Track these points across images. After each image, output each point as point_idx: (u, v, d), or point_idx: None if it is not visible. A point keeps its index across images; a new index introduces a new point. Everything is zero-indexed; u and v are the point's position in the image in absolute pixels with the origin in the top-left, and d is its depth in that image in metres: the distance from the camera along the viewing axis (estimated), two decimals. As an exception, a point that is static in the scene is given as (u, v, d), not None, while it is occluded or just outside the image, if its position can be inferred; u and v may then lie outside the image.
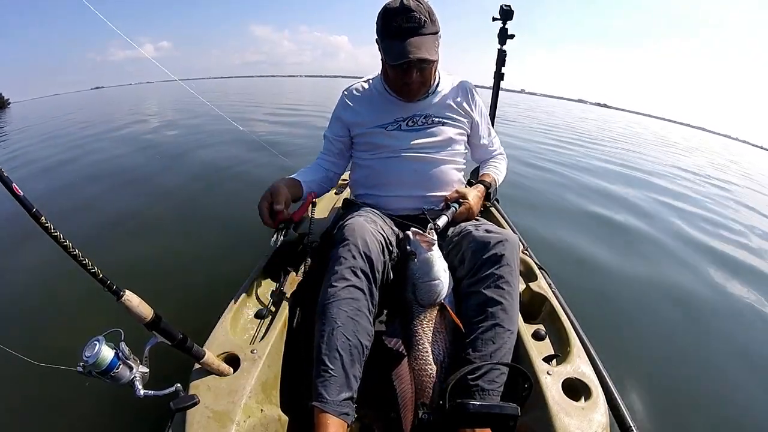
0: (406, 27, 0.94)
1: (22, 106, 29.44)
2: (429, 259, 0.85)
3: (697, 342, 1.81)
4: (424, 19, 0.94)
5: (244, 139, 4.96)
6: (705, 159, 10.68)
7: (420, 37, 0.94)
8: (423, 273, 0.85)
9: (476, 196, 1.10)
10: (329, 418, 0.70)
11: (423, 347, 0.82)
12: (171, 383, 0.67)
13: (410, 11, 0.93)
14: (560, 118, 17.47)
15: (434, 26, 0.97)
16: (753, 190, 6.48)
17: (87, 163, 4.62)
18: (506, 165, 1.32)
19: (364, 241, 0.86)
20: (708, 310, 2.10)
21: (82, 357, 0.57)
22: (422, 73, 1.02)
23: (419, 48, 0.94)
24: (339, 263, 0.84)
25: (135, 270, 2.00)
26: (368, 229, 0.90)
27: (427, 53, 0.95)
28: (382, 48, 1.00)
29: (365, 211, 1.03)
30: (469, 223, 1.04)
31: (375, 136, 1.12)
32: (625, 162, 6.61)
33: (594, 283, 2.17)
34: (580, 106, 65.11)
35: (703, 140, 24.19)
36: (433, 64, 1.01)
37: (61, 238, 0.52)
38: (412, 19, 0.93)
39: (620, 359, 1.44)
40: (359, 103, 1.15)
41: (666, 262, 2.62)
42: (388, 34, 0.96)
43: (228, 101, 14.59)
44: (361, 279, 0.83)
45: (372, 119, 1.12)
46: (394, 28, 0.95)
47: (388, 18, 0.96)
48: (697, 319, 2.01)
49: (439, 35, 1.00)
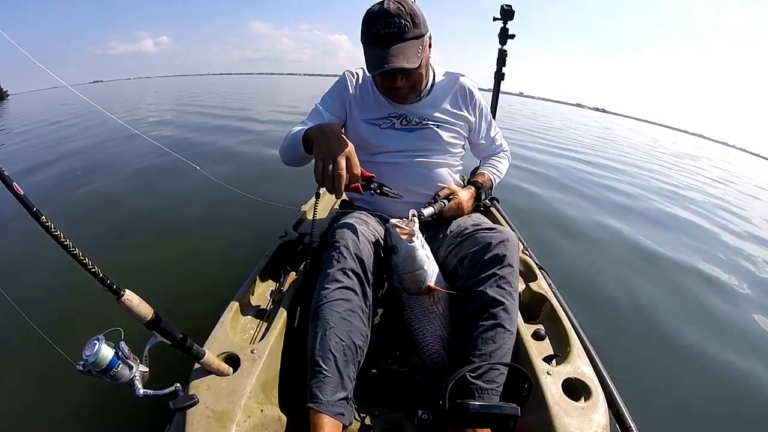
0: (385, 33, 0.88)
1: (22, 98, 29.36)
2: (411, 251, 0.84)
3: (698, 341, 1.81)
4: (405, 23, 0.88)
5: (240, 139, 4.94)
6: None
7: (401, 44, 0.89)
8: (407, 265, 0.85)
9: (467, 194, 1.09)
10: (324, 419, 0.70)
11: (422, 333, 0.85)
12: (171, 383, 0.67)
13: (390, 16, 0.88)
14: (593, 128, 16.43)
15: (418, 29, 0.91)
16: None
17: (87, 162, 4.62)
18: (508, 162, 1.29)
19: (354, 242, 0.86)
20: (708, 310, 2.10)
21: (82, 356, 0.56)
22: (409, 78, 0.97)
23: (398, 56, 0.88)
24: (330, 265, 0.84)
25: (135, 270, 2.00)
26: (359, 230, 0.89)
27: (406, 62, 0.88)
28: (364, 53, 0.94)
29: (358, 213, 1.02)
30: (470, 222, 1.03)
31: (369, 132, 1.07)
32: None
33: (594, 282, 2.18)
34: (596, 114, 63.24)
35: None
36: (418, 70, 0.95)
37: (61, 237, 0.52)
38: (391, 25, 0.88)
39: (620, 359, 1.44)
40: (359, 90, 1.10)
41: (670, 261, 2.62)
42: (368, 40, 0.91)
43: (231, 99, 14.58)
44: (353, 280, 0.83)
45: (367, 111, 1.08)
46: (373, 34, 0.90)
47: (367, 23, 0.91)
48: (698, 318, 2.01)
49: (427, 36, 0.95)
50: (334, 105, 1.10)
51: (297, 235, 1.26)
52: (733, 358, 1.72)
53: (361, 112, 1.08)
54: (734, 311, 2.15)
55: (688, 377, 1.58)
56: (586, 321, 1.03)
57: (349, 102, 1.09)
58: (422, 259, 0.84)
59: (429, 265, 0.86)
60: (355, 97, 1.09)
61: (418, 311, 0.86)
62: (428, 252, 0.88)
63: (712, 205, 4.91)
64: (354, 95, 1.09)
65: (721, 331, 1.93)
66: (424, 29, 0.93)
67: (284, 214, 1.66)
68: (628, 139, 14.98)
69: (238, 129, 6.82)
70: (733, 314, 2.11)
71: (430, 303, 0.85)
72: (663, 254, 2.77)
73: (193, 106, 11.93)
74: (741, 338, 1.90)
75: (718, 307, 2.15)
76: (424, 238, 0.90)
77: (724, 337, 1.89)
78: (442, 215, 1.04)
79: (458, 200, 1.06)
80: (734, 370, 1.65)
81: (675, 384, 1.52)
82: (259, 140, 5.67)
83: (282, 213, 1.74)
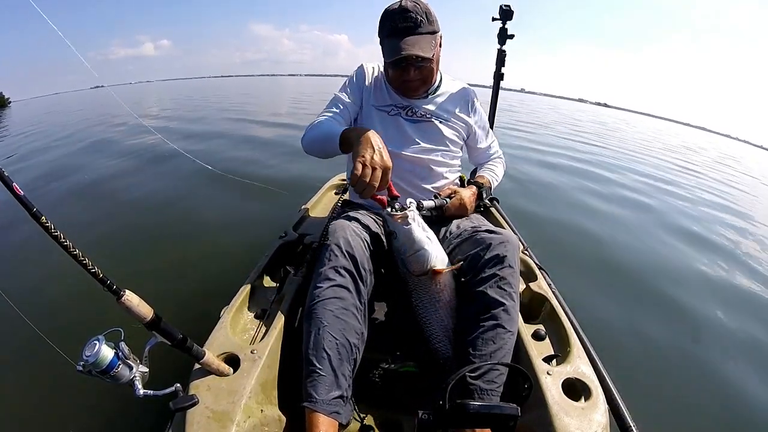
0: (403, 26, 0.98)
1: (24, 105, 29.42)
2: (408, 233, 0.85)
3: (698, 342, 1.82)
4: (421, 19, 0.99)
5: (244, 141, 4.95)
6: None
7: (416, 36, 0.99)
8: (407, 247, 0.86)
9: (469, 192, 1.12)
10: (320, 418, 0.70)
11: (429, 322, 0.86)
12: (171, 383, 0.67)
13: (407, 11, 0.98)
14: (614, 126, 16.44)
15: (431, 26, 1.01)
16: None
17: (87, 161, 4.63)
18: (503, 168, 1.34)
19: (346, 240, 0.86)
20: (708, 309, 2.10)
21: (82, 356, 0.57)
22: (421, 71, 1.05)
23: (413, 45, 0.98)
24: (322, 264, 0.84)
25: (135, 270, 2.00)
26: (350, 228, 0.90)
27: (421, 50, 0.98)
28: (382, 47, 1.04)
29: (354, 212, 1.03)
30: (470, 223, 1.04)
31: (378, 117, 1.13)
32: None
33: (594, 281, 2.18)
34: (606, 111, 62.96)
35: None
36: (431, 61, 1.04)
37: (61, 237, 0.52)
38: (408, 19, 0.98)
39: (620, 359, 1.44)
40: (374, 81, 1.17)
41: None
42: (387, 33, 1.02)
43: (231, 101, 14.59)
44: (346, 277, 0.83)
45: (379, 99, 1.14)
46: (391, 27, 1.00)
47: (386, 19, 1.01)
48: (698, 318, 2.01)
49: (438, 35, 1.04)
50: (353, 92, 1.15)
51: (297, 235, 1.26)
52: (734, 357, 1.72)
53: (373, 99, 1.15)
54: (733, 310, 2.15)
55: (688, 377, 1.58)
56: (586, 321, 1.02)
57: (365, 90, 1.16)
58: (421, 240, 0.85)
59: (431, 246, 0.86)
60: (370, 86, 1.16)
61: (425, 299, 0.86)
62: (430, 234, 0.88)
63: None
64: (370, 84, 1.16)
65: (721, 331, 1.93)
66: (437, 27, 1.03)
67: (284, 215, 1.66)
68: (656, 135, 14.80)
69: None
70: (732, 314, 2.11)
71: (436, 289, 0.86)
72: (663, 255, 2.77)
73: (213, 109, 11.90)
74: (740, 338, 1.90)
75: (717, 307, 2.15)
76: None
77: (725, 336, 1.89)
78: (443, 212, 1.05)
79: (460, 197, 1.08)
80: (734, 370, 1.65)
81: (675, 384, 1.52)
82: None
83: (282, 213, 1.74)
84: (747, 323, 2.03)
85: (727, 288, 2.42)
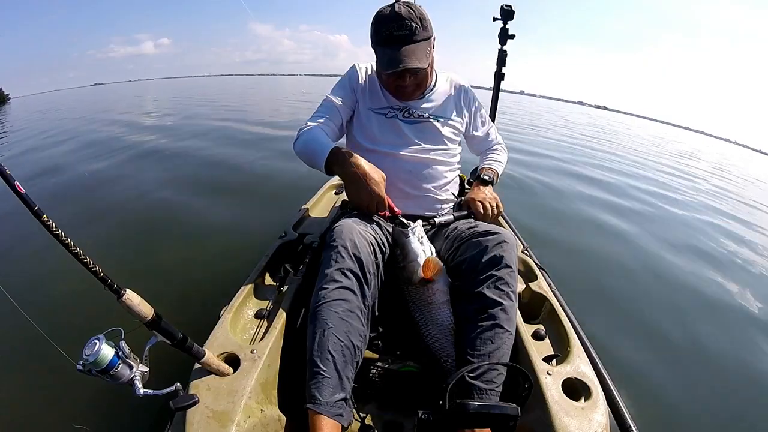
0: (398, 35, 0.94)
1: (23, 101, 29.39)
2: (405, 245, 0.93)
3: (698, 342, 1.82)
4: (416, 26, 0.95)
5: (239, 138, 4.93)
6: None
7: (412, 45, 0.95)
8: (402, 257, 0.93)
9: (483, 193, 1.12)
10: (323, 420, 0.70)
11: (424, 322, 0.89)
12: (171, 383, 0.67)
13: (402, 19, 0.94)
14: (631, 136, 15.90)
15: (426, 32, 0.97)
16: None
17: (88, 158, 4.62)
18: (506, 154, 1.33)
19: (352, 242, 0.86)
20: (709, 311, 2.10)
21: (82, 355, 0.56)
22: (416, 77, 1.03)
23: (410, 57, 0.95)
24: (328, 266, 0.84)
25: (136, 269, 2.00)
26: (357, 230, 0.90)
27: (418, 62, 0.96)
28: (376, 55, 1.01)
29: (358, 213, 1.02)
30: (467, 226, 1.03)
31: (375, 121, 1.11)
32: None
33: (594, 282, 2.18)
34: (622, 117, 62.21)
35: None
36: (425, 69, 1.01)
37: (62, 236, 0.52)
38: (403, 27, 0.94)
39: (620, 359, 1.44)
40: (368, 82, 1.14)
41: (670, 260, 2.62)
42: (381, 41, 0.97)
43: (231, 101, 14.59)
44: (351, 280, 0.83)
45: (375, 101, 1.12)
46: (386, 35, 0.95)
47: (380, 25, 0.97)
48: (699, 318, 2.01)
49: (433, 39, 1.01)
50: (345, 95, 1.13)
51: (297, 235, 1.26)
52: (735, 357, 1.72)
53: (369, 102, 1.13)
54: (735, 302, 2.15)
55: (688, 377, 1.58)
56: (586, 320, 1.03)
57: (359, 92, 1.13)
58: (416, 250, 0.91)
59: (423, 259, 0.91)
60: (364, 88, 1.13)
61: (420, 303, 0.90)
62: (426, 247, 0.93)
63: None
64: (363, 86, 1.13)
65: (720, 332, 1.93)
66: (431, 31, 1.00)
67: (284, 215, 1.66)
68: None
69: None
70: (734, 305, 2.11)
71: (428, 293, 0.90)
72: (663, 253, 2.77)
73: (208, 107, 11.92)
74: (740, 337, 1.90)
75: (717, 307, 2.15)
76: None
77: (724, 337, 1.89)
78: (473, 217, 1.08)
79: (479, 198, 1.09)
80: (734, 369, 1.65)
81: (675, 384, 1.51)
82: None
83: (282, 213, 1.74)
84: (747, 323, 2.03)
85: (727, 288, 2.42)
